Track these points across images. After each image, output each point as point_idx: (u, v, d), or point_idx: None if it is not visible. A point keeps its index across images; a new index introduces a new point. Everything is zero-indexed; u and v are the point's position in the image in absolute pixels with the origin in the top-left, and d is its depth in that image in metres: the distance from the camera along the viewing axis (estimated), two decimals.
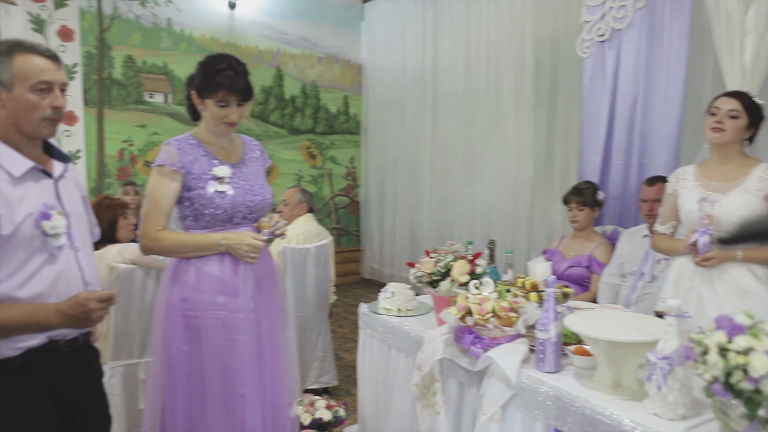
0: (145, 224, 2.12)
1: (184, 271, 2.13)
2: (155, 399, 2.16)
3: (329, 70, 7.18)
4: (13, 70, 1.64)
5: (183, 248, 2.12)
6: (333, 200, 7.37)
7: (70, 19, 5.53)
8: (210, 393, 2.10)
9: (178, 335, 2.11)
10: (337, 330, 5.24)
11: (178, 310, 2.11)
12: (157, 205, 2.11)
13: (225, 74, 2.10)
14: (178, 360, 2.11)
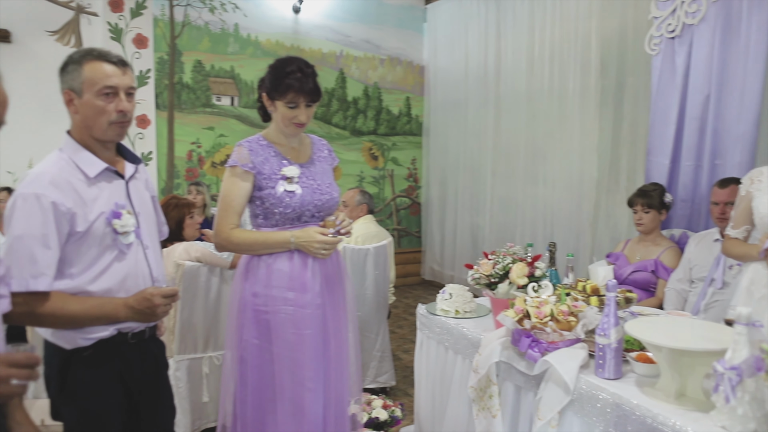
0: (219, 223, 2.20)
1: (255, 268, 2.21)
2: (228, 389, 2.24)
3: (391, 72, 7.22)
4: (82, 77, 1.73)
5: (254, 246, 2.19)
6: (394, 201, 7.40)
7: (144, 27, 5.79)
8: (279, 385, 2.17)
9: (250, 329, 2.19)
10: (396, 330, 5.26)
11: (249, 305, 2.19)
12: (230, 205, 2.19)
13: (294, 76, 2.16)
14: (249, 353, 2.18)
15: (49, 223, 1.65)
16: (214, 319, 3.17)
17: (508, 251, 2.43)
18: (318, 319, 2.21)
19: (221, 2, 6.19)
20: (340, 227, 2.22)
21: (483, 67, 6.32)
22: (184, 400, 3.10)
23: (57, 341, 1.76)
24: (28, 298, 1.62)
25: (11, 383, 1.19)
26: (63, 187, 1.69)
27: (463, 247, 6.75)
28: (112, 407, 1.78)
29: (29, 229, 1.64)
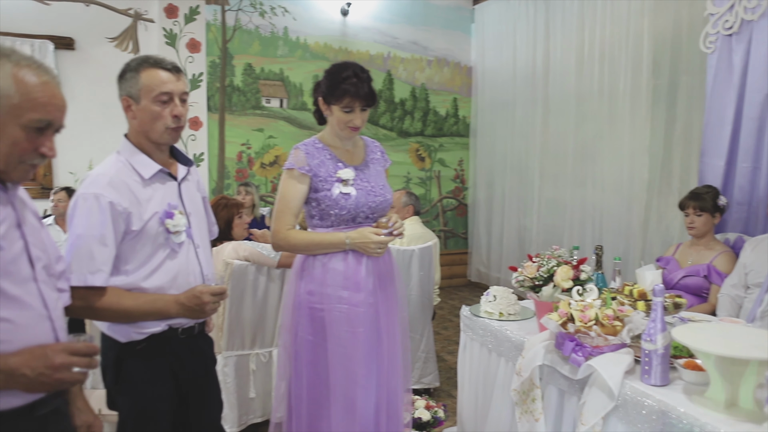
0: (276, 223, 2.27)
1: (311, 267, 2.27)
2: (282, 384, 2.32)
3: (439, 73, 7.21)
4: (140, 84, 1.81)
5: (310, 246, 2.26)
6: (441, 202, 7.39)
7: (197, 32, 5.96)
8: (333, 382, 2.22)
9: (305, 326, 2.25)
10: (441, 332, 5.26)
11: (304, 303, 2.26)
12: (287, 206, 2.26)
13: (350, 81, 2.21)
14: (303, 349, 2.25)
15: (106, 222, 1.73)
16: (261, 316, 3.25)
17: (552, 254, 2.41)
18: (371, 318, 2.27)
19: (271, 6, 6.31)
20: (392, 228, 2.27)
21: (531, 67, 6.25)
22: (232, 395, 3.19)
23: (113, 334, 1.84)
24: (86, 292, 1.71)
25: (72, 370, 1.28)
26: (120, 187, 1.77)
27: (510, 249, 6.69)
28: (163, 398, 1.86)
29: (88, 227, 1.72)
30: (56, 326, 1.36)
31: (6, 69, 1.27)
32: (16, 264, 1.29)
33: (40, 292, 1.34)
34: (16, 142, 1.28)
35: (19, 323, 1.27)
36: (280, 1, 6.33)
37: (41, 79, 1.30)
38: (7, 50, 1.30)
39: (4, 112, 1.26)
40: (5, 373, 1.21)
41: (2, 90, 1.26)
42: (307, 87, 6.53)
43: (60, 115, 1.35)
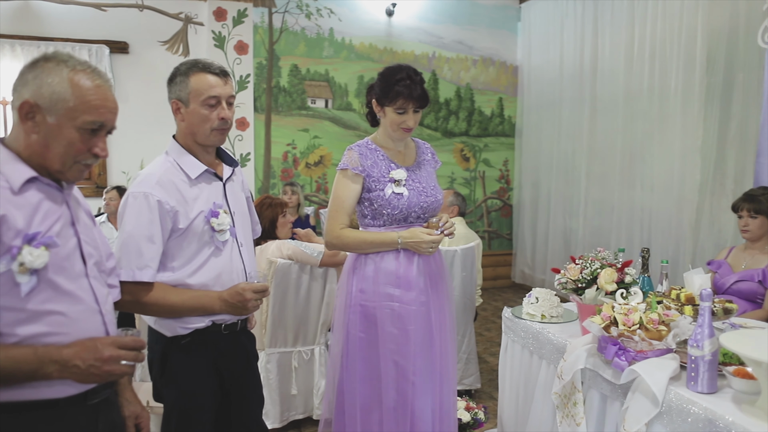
0: (330, 222, 2.32)
1: (362, 265, 2.31)
2: (334, 380, 2.35)
3: (484, 73, 7.16)
4: (189, 88, 1.87)
5: (362, 245, 2.29)
6: (485, 203, 7.33)
7: (245, 34, 6.08)
8: (384, 378, 2.25)
9: (356, 323, 2.29)
10: (484, 333, 5.22)
11: (356, 301, 2.30)
12: (340, 205, 2.30)
13: (403, 83, 2.25)
14: (355, 346, 2.29)
15: (154, 220, 1.79)
16: (303, 314, 3.29)
17: (596, 256, 2.37)
18: (422, 316, 2.29)
19: (317, 8, 6.38)
20: (443, 228, 2.28)
21: (578, 66, 6.14)
22: (274, 391, 3.24)
23: (159, 329, 1.91)
24: (135, 287, 1.77)
25: (120, 363, 1.34)
26: (168, 187, 1.83)
27: (555, 250, 6.59)
28: (206, 391, 1.91)
29: (137, 225, 1.79)
30: (106, 320, 1.43)
31: (63, 74, 1.34)
32: (70, 260, 1.36)
33: (92, 287, 1.41)
34: (72, 143, 1.35)
35: (72, 316, 1.34)
36: (326, 3, 6.40)
37: (95, 82, 1.37)
38: (64, 56, 1.37)
39: (61, 114, 1.33)
40: (59, 364, 1.28)
41: (59, 94, 1.33)
42: (352, 87, 6.58)
43: (112, 117, 1.41)
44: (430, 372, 2.30)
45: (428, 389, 2.29)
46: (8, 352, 1.24)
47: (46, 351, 1.27)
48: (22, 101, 1.34)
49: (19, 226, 1.27)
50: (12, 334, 1.27)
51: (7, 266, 1.25)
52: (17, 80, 1.38)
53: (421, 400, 2.27)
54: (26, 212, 1.30)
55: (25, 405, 1.29)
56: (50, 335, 1.30)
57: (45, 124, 1.34)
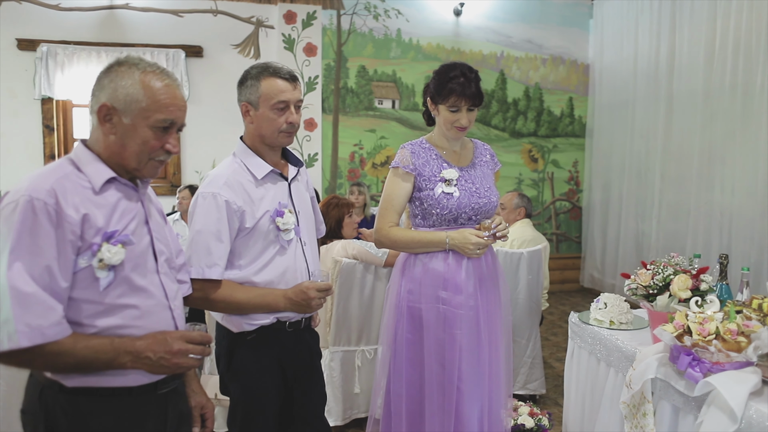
0: (379, 221, 2.33)
1: (411, 265, 2.30)
2: (382, 381, 2.36)
3: (554, 72, 7.00)
4: (259, 92, 1.92)
5: (411, 244, 2.29)
6: (553, 205, 7.17)
7: (314, 36, 6.18)
8: (429, 380, 2.24)
9: (404, 324, 2.29)
10: (550, 338, 5.11)
11: (404, 301, 2.29)
12: (390, 204, 2.31)
13: (457, 81, 2.23)
14: (402, 347, 2.29)
15: (222, 220, 1.85)
16: (367, 314, 3.32)
17: (669, 261, 2.27)
18: (471, 321, 2.25)
19: (385, 9, 6.41)
20: (495, 230, 2.24)
21: (654, 63, 5.91)
22: (337, 389, 3.28)
23: (226, 324, 1.97)
24: (203, 284, 1.83)
25: (188, 356, 1.41)
26: (235, 187, 1.89)
27: (627, 254, 6.37)
28: (270, 387, 1.96)
29: (206, 224, 1.85)
30: (175, 315, 1.50)
31: (135, 77, 1.42)
32: (143, 257, 1.44)
33: (162, 283, 1.48)
34: (146, 141, 1.42)
35: (144, 310, 1.42)
36: (393, 4, 6.42)
37: (164, 82, 1.44)
38: (135, 59, 1.46)
39: (135, 114, 1.41)
40: (133, 355, 1.36)
41: (133, 95, 1.41)
42: (419, 88, 6.57)
43: (181, 114, 1.48)
44: (477, 378, 2.26)
45: (475, 395, 2.25)
46: (88, 342, 1.33)
47: (122, 342, 1.36)
48: (100, 104, 1.42)
49: (99, 224, 1.36)
50: (91, 324, 1.36)
51: (88, 262, 1.34)
52: (95, 85, 1.45)
53: (467, 405, 2.23)
54: (106, 211, 1.38)
55: (102, 390, 1.38)
56: (125, 327, 1.39)
57: (121, 124, 1.41)
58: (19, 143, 5.68)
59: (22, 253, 1.26)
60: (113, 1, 5.72)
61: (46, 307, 1.27)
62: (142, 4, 5.79)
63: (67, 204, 1.32)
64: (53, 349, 1.28)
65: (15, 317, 1.24)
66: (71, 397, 1.36)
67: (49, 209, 1.30)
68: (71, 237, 1.31)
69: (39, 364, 1.33)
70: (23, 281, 1.25)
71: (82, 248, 1.33)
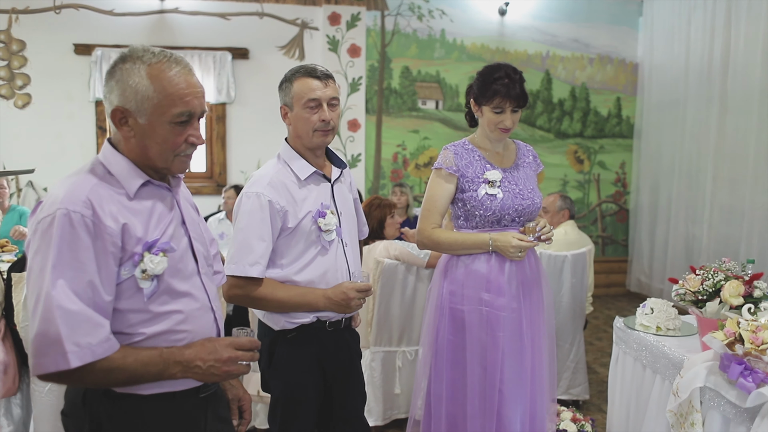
0: (422, 222, 2.33)
1: (453, 267, 2.30)
2: (422, 382, 2.36)
3: (601, 71, 6.86)
4: (292, 93, 1.95)
5: (454, 245, 2.28)
6: (599, 207, 7.03)
7: (358, 37, 6.22)
8: (470, 383, 2.23)
9: (446, 326, 2.29)
10: (595, 343, 5.01)
11: (446, 303, 2.29)
12: (433, 205, 2.31)
13: (501, 82, 2.22)
14: (444, 348, 2.29)
15: (265, 219, 1.88)
16: (408, 315, 3.32)
17: (720, 267, 2.20)
18: (513, 323, 2.24)
19: (429, 10, 6.40)
20: (540, 233, 2.21)
21: (707, 62, 5.73)
22: (378, 389, 3.29)
23: (267, 322, 2.00)
24: (245, 282, 1.87)
25: (238, 364, 1.39)
26: (278, 187, 1.92)
27: (676, 258, 6.19)
28: (309, 385, 1.99)
29: (249, 223, 1.89)
30: (217, 316, 1.48)
31: (141, 72, 1.31)
32: (184, 261, 1.41)
33: (203, 284, 1.46)
34: (166, 138, 1.34)
35: (189, 314, 1.40)
36: (437, 4, 6.40)
37: (174, 70, 1.33)
38: (139, 52, 1.34)
39: (149, 113, 1.32)
40: (182, 365, 1.33)
41: (142, 93, 1.31)
42: (463, 88, 6.53)
43: (199, 102, 1.37)
44: (519, 381, 2.24)
45: (517, 399, 2.23)
46: (137, 355, 1.30)
47: (170, 353, 1.33)
48: (113, 108, 1.34)
49: (138, 233, 1.32)
50: (138, 333, 1.33)
51: (131, 272, 1.31)
52: (104, 88, 1.37)
53: (509, 408, 2.21)
54: (143, 218, 1.34)
55: (145, 396, 1.36)
56: (172, 332, 1.37)
57: (138, 126, 1.34)
58: (75, 144, 5.89)
59: (63, 270, 1.23)
60: (164, 6, 5.88)
61: (94, 324, 1.24)
62: (190, 8, 5.93)
63: (105, 214, 1.28)
64: (104, 365, 1.26)
65: (64, 337, 1.20)
66: (115, 402, 1.34)
67: (87, 221, 1.25)
68: (112, 248, 1.28)
69: (90, 381, 1.30)
70: (68, 299, 1.22)
71: (123, 259, 1.30)
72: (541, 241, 2.26)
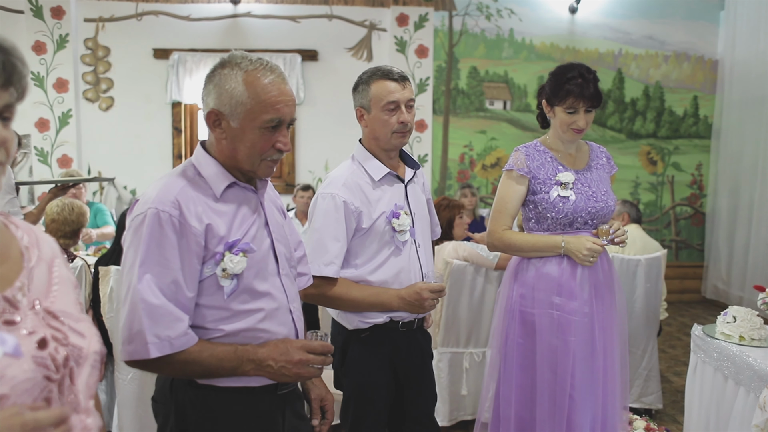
0: (493, 224, 2.32)
1: (524, 270, 2.28)
2: (490, 385, 2.36)
3: (677, 69, 6.61)
4: (370, 95, 1.98)
5: (524, 248, 2.26)
6: (673, 210, 6.78)
7: (425, 38, 6.23)
8: (540, 387, 2.21)
9: (515, 329, 2.27)
10: (668, 350, 4.84)
11: (516, 305, 2.28)
12: (503, 207, 2.30)
13: (575, 82, 2.19)
14: (513, 352, 2.27)
15: (340, 220, 1.92)
16: (476, 317, 3.31)
17: None
18: (585, 328, 2.20)
19: (497, 9, 6.34)
20: (614, 235, 2.17)
21: None
22: (444, 390, 3.29)
23: (341, 321, 2.04)
24: (320, 282, 1.91)
25: (309, 367, 1.43)
26: (353, 188, 1.95)
27: (758, 265, 5.89)
28: (381, 384, 2.01)
29: (325, 224, 1.93)
30: (295, 317, 1.52)
31: (238, 78, 1.38)
32: (265, 261, 1.46)
33: (283, 285, 1.50)
34: (255, 143, 1.39)
35: (269, 314, 1.45)
36: (506, 3, 6.34)
37: (268, 78, 1.38)
38: (237, 58, 1.41)
39: (242, 117, 1.38)
40: (255, 363, 1.38)
41: (238, 98, 1.37)
42: (532, 88, 6.44)
43: (289, 110, 1.42)
44: (591, 387, 2.19)
45: (588, 405, 2.19)
46: (213, 350, 1.36)
47: (245, 350, 1.38)
48: (209, 110, 1.41)
49: (221, 233, 1.38)
50: (217, 329, 1.40)
51: (213, 270, 1.37)
52: (203, 90, 1.44)
53: (579, 415, 2.17)
54: (227, 219, 1.40)
55: (227, 388, 1.42)
56: (251, 331, 1.42)
57: (230, 129, 1.39)
58: (152, 144, 6.16)
59: (151, 266, 1.31)
60: (237, 10, 6.06)
61: (174, 318, 1.31)
62: (262, 12, 6.09)
63: (191, 214, 1.35)
64: (181, 358, 1.33)
65: (146, 329, 1.29)
66: (198, 392, 1.41)
67: (174, 221, 1.33)
68: (196, 248, 1.35)
69: (169, 371, 1.39)
70: (152, 293, 1.30)
71: (206, 257, 1.36)
72: (615, 244, 2.21)
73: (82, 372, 0.92)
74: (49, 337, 0.88)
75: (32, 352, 0.85)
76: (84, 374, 0.93)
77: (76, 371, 0.91)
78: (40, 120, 5.97)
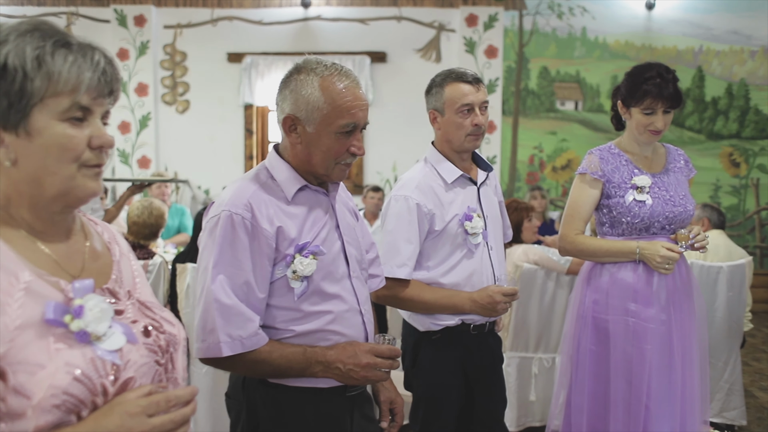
0: (564, 228, 2.27)
1: (597, 275, 2.22)
2: (561, 392, 2.32)
3: (764, 65, 6.26)
4: (444, 98, 1.97)
5: (598, 252, 2.21)
6: (758, 215, 6.42)
7: (495, 38, 6.16)
8: (614, 396, 2.15)
9: (588, 335, 2.22)
10: (752, 363, 4.59)
11: (589, 312, 2.22)
12: (576, 211, 2.25)
13: (653, 82, 2.12)
14: (585, 359, 2.22)
15: (413, 222, 1.93)
16: (547, 321, 3.24)
17: None
18: (662, 336, 2.13)
19: (569, 7, 6.19)
20: (693, 241, 2.09)
21: None
22: (512, 395, 3.23)
23: (412, 323, 2.04)
24: (392, 283, 1.91)
25: (376, 370, 1.44)
26: (426, 191, 1.96)
27: None
28: (452, 387, 2.00)
29: (397, 226, 1.94)
30: (365, 320, 1.53)
31: (314, 83, 1.39)
32: (335, 264, 1.48)
33: (354, 288, 1.51)
34: (330, 147, 1.41)
35: (339, 315, 1.46)
36: (579, 1, 6.19)
37: (343, 84, 1.40)
38: (312, 63, 1.42)
39: (318, 122, 1.40)
40: (323, 365, 1.40)
41: (314, 104, 1.39)
42: (605, 88, 6.26)
43: (363, 115, 1.44)
44: (668, 398, 2.11)
45: (665, 417, 2.10)
46: (283, 351, 1.39)
47: (314, 352, 1.40)
48: (285, 116, 1.43)
49: (292, 235, 1.40)
50: (288, 330, 1.43)
51: (283, 272, 1.40)
52: (278, 95, 1.46)
53: (655, 426, 2.09)
54: (297, 222, 1.42)
55: (297, 388, 1.44)
56: (321, 332, 1.44)
57: (306, 134, 1.41)
58: (225, 145, 6.35)
59: (224, 267, 1.35)
60: (307, 14, 6.18)
61: (245, 318, 1.35)
62: (332, 15, 6.18)
63: (262, 217, 1.38)
64: (252, 357, 1.36)
65: (218, 328, 1.33)
66: (269, 391, 1.44)
67: (246, 223, 1.36)
68: (267, 250, 1.38)
69: (240, 369, 1.43)
70: (225, 294, 1.34)
71: (277, 259, 1.39)
72: (695, 249, 2.12)
73: (178, 357, 1.00)
74: (150, 326, 0.96)
75: (141, 339, 0.93)
76: (180, 359, 1.00)
77: (174, 356, 0.99)
78: (122, 123, 6.27)
